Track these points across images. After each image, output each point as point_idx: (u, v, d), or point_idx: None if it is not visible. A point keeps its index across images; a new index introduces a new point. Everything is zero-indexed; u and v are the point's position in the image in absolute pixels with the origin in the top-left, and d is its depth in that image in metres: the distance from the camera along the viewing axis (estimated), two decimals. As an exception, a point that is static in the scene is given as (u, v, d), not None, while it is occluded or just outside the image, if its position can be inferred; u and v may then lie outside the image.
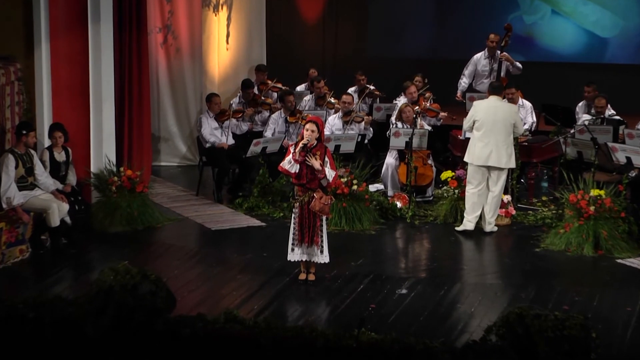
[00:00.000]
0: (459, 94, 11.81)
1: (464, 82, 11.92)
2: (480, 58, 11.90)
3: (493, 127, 8.82)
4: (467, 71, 11.94)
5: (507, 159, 8.88)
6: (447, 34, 14.20)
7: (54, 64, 8.92)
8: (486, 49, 11.88)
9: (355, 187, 9.27)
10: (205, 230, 9.19)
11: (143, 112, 9.75)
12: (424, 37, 14.35)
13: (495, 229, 9.13)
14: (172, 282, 7.03)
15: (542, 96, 11.56)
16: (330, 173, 7.28)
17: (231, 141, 10.66)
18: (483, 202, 9.04)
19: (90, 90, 9.06)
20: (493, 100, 9.01)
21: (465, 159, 9.12)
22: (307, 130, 7.20)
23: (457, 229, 9.11)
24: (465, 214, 9.12)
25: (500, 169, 8.91)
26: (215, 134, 10.60)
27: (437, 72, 12.54)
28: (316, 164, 7.18)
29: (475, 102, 9.23)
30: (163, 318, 5.00)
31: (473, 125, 9.00)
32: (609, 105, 10.54)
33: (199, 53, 12.31)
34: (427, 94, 11.62)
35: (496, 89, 9.14)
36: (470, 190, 9.06)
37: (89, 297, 4.98)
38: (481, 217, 9.11)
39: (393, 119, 10.83)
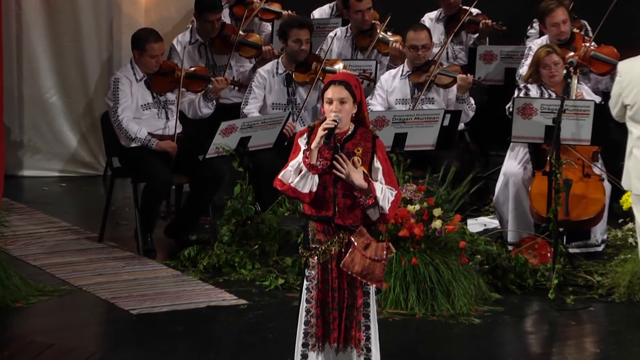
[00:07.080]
0: None
1: None
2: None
3: None
4: None
5: None
6: None
7: None
8: None
9: (437, 223, 9.38)
10: (120, 315, 9.44)
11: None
12: None
13: None
14: None
15: None
16: (386, 193, 7.31)
17: (178, 128, 10.83)
18: None
19: None
20: None
21: (624, 184, 9.19)
22: (328, 102, 7.30)
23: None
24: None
25: None
26: (144, 116, 10.75)
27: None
28: (356, 174, 7.12)
29: (620, 65, 9.27)
30: None
31: (625, 112, 9.08)
32: None
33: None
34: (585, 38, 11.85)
35: None
36: None
37: None
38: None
39: (520, 76, 11.00)
